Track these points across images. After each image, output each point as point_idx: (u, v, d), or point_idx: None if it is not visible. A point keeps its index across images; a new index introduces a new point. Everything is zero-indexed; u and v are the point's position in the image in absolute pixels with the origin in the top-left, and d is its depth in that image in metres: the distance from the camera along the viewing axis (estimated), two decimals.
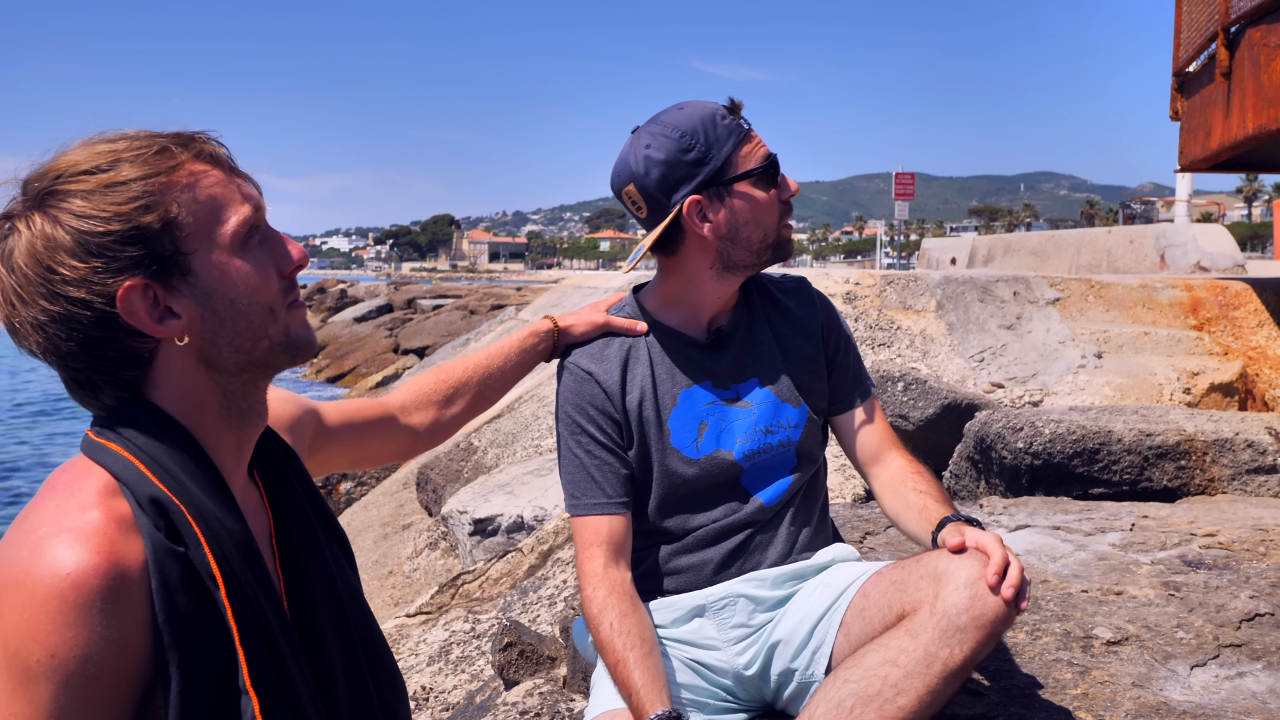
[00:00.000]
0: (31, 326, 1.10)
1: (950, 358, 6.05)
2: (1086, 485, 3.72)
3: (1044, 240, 15.18)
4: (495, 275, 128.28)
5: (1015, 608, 1.54)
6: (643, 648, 1.71)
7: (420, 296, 31.33)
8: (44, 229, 1.09)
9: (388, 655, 1.37)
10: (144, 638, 1.05)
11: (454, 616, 3.91)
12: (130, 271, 1.10)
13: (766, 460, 1.90)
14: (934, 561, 1.61)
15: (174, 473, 1.12)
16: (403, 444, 1.83)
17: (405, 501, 7.35)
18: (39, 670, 1.00)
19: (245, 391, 1.22)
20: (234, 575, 1.12)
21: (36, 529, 1.05)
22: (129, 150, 1.12)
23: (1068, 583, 2.52)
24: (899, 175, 27.45)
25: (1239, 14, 5.74)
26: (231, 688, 1.09)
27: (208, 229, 1.15)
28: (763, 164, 1.81)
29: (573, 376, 1.90)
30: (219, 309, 1.16)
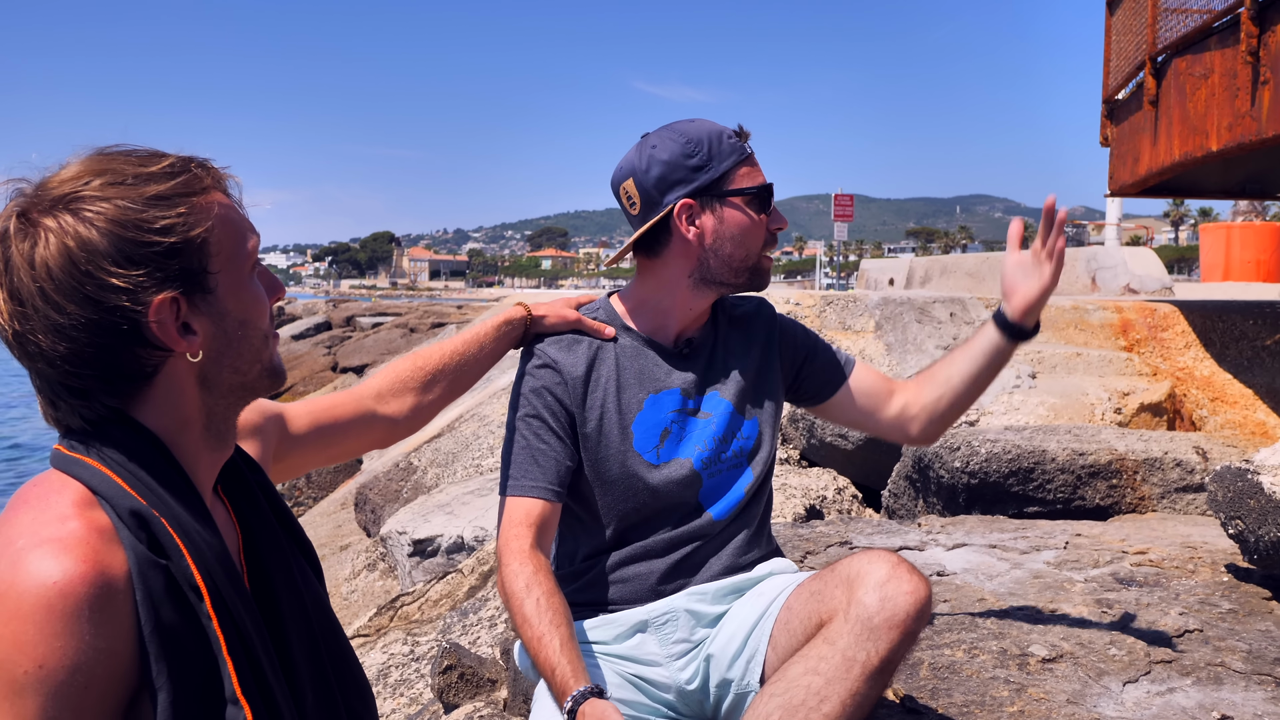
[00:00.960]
0: (47, 327, 1.08)
1: None
2: (1022, 504, 3.78)
3: (979, 262, 15.46)
4: (436, 293, 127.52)
5: (928, 606, 1.58)
6: (566, 628, 1.69)
7: (359, 314, 30.98)
8: (78, 232, 1.07)
9: (355, 666, 1.37)
10: (130, 648, 1.04)
11: (393, 639, 3.85)
12: (168, 284, 1.11)
13: (722, 471, 1.92)
14: (846, 568, 1.65)
15: (152, 487, 1.12)
16: (381, 434, 1.83)
17: (343, 522, 7.25)
18: (27, 682, 0.98)
19: (228, 413, 1.24)
20: (216, 587, 1.11)
21: (14, 541, 1.03)
22: (164, 167, 1.14)
23: (1004, 600, 2.55)
24: (838, 197, 27.77)
25: (1166, 44, 5.92)
26: (217, 699, 1.09)
27: (230, 253, 1.18)
28: (758, 187, 1.87)
29: (537, 362, 1.90)
30: (230, 330, 1.19)
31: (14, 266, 1.08)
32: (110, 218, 1.08)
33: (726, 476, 1.93)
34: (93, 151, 1.15)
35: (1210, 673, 2.10)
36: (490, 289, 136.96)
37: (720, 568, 1.90)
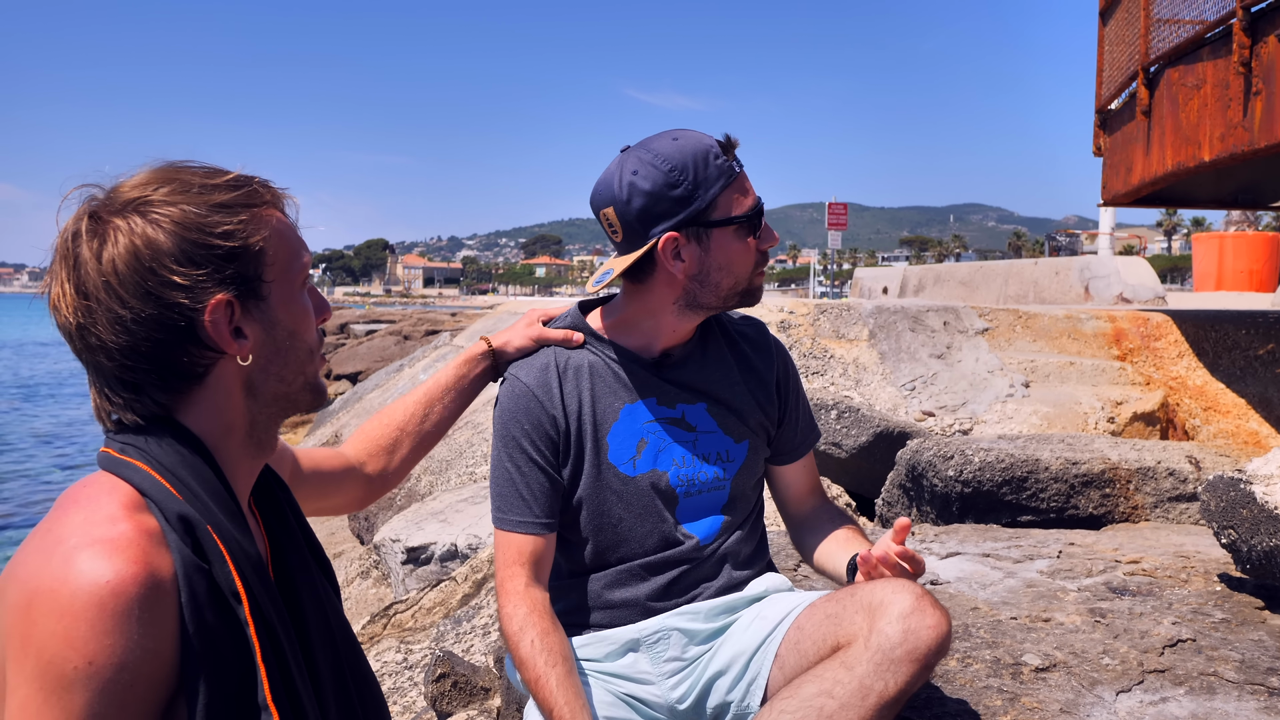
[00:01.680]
0: (109, 320, 1.13)
1: (882, 386, 6.13)
2: (1015, 513, 3.79)
3: (973, 271, 15.49)
4: (430, 300, 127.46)
5: (948, 640, 1.56)
6: (564, 665, 1.70)
7: (353, 321, 30.96)
8: (146, 232, 1.13)
9: (374, 682, 1.40)
10: (173, 649, 1.07)
11: (386, 647, 3.84)
12: (225, 286, 1.17)
13: (702, 493, 1.89)
14: (868, 594, 1.62)
15: (197, 492, 1.15)
16: (360, 494, 1.85)
17: (336, 529, 7.23)
18: (75, 678, 1.00)
19: (269, 423, 1.29)
20: (254, 594, 1.14)
21: (65, 540, 1.05)
22: (228, 180, 1.21)
23: (997, 610, 2.55)
24: (832, 205, 27.84)
25: (1158, 54, 5.94)
26: (250, 704, 1.11)
27: (284, 265, 1.24)
28: (748, 213, 1.78)
29: (511, 390, 1.87)
30: (279, 339, 1.24)
31: (82, 262, 1.14)
32: (176, 220, 1.15)
33: (707, 498, 1.90)
34: (161, 163, 1.22)
35: (1203, 682, 2.11)
36: (484, 296, 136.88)
37: (712, 589, 1.89)
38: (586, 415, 1.86)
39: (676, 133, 1.78)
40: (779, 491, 2.09)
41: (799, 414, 2.03)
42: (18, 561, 1.09)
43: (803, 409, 2.05)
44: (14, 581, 1.06)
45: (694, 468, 1.88)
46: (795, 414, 2.02)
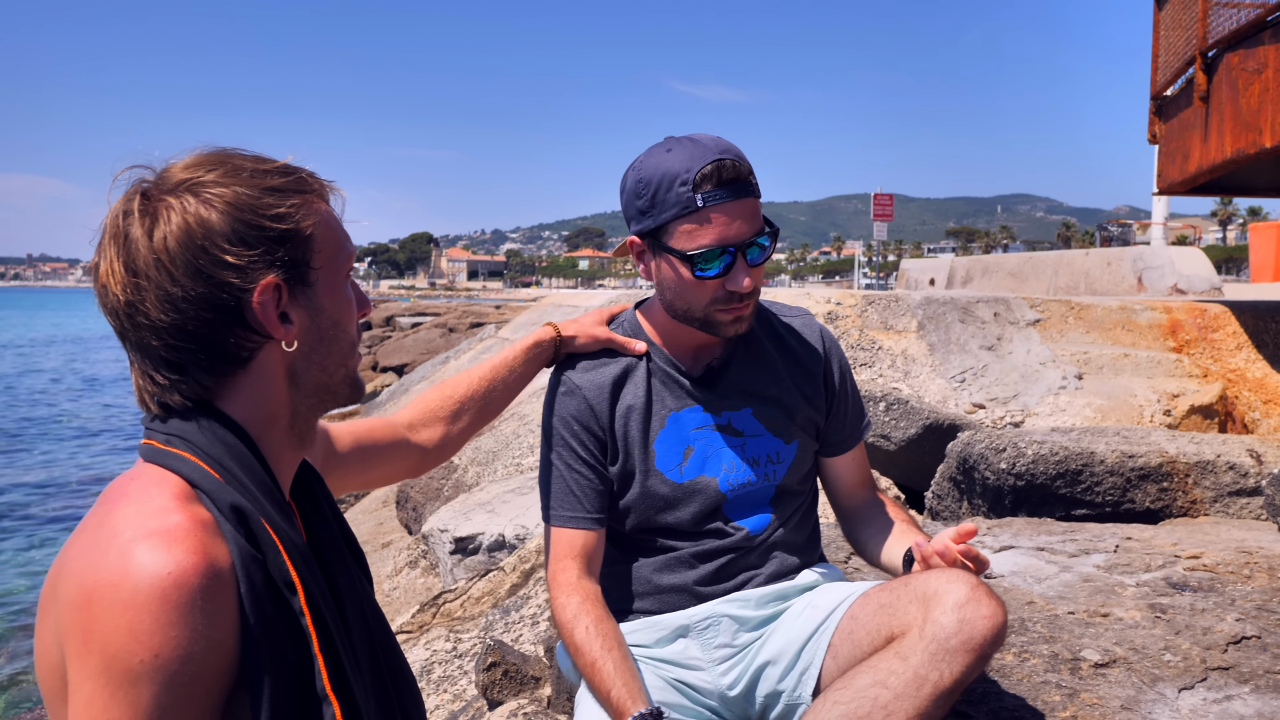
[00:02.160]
0: (158, 298, 1.13)
1: (931, 378, 6.06)
2: (1069, 506, 3.73)
3: (1022, 262, 15.29)
4: (474, 293, 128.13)
5: (1004, 631, 1.54)
6: (619, 650, 1.70)
7: (399, 314, 31.20)
8: (199, 211, 1.13)
9: (409, 673, 1.39)
10: (234, 640, 1.06)
11: (435, 636, 3.87)
12: (274, 269, 1.17)
13: (749, 492, 1.89)
14: (922, 584, 1.60)
15: (245, 483, 1.15)
16: (413, 462, 1.85)
17: (385, 519, 7.29)
18: (142, 671, 0.99)
19: (310, 414, 1.28)
20: (307, 584, 1.14)
21: (120, 533, 1.04)
22: (278, 166, 1.22)
23: (1054, 604, 2.51)
24: (878, 196, 27.61)
25: (1217, 39, 5.81)
26: (310, 694, 1.11)
27: (331, 253, 1.25)
28: (694, 250, 1.72)
29: (563, 389, 1.89)
30: (323, 327, 1.24)
31: (133, 240, 1.13)
32: (228, 201, 1.15)
33: (756, 495, 1.89)
34: (209, 148, 1.22)
35: (1270, 680, 2.06)
36: (528, 289, 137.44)
37: (762, 578, 1.88)
38: (635, 422, 1.87)
39: (685, 143, 1.74)
40: (829, 483, 2.08)
41: (848, 405, 2.01)
42: (70, 556, 1.07)
43: (852, 400, 2.02)
44: (69, 577, 1.05)
45: (743, 472, 1.88)
46: (844, 406, 2.00)
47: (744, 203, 1.71)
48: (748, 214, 1.72)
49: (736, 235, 1.71)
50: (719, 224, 1.70)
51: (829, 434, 2.00)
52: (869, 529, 1.98)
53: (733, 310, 1.79)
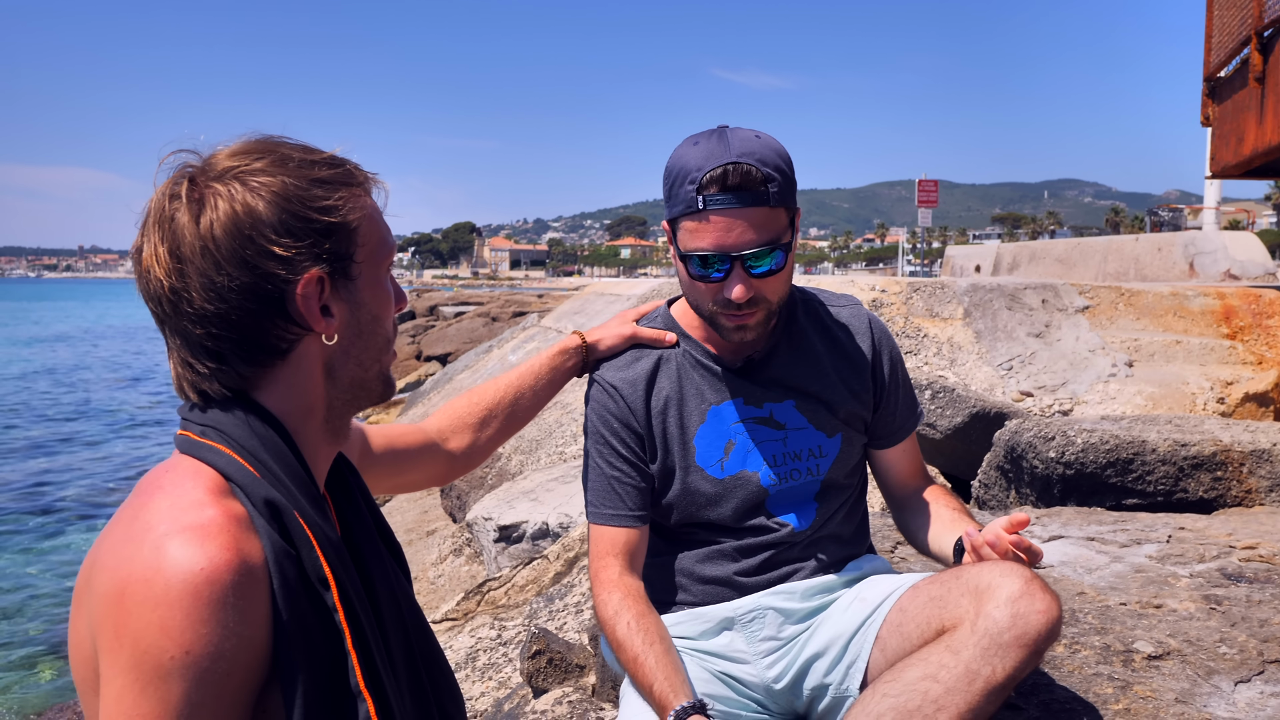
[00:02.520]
0: (203, 286, 1.12)
1: (978, 366, 6.00)
2: (1120, 496, 3.67)
3: (1070, 248, 15.07)
4: (517, 282, 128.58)
5: (1059, 626, 1.51)
6: (661, 644, 1.70)
7: (442, 303, 31.37)
8: (247, 200, 1.13)
9: (446, 668, 1.38)
10: (266, 636, 1.05)
11: (480, 623, 3.89)
12: (319, 261, 1.16)
13: (793, 486, 1.87)
14: (974, 577, 1.58)
15: (280, 476, 1.14)
16: (441, 469, 1.86)
17: (429, 508, 7.35)
18: (173, 667, 0.99)
19: (344, 409, 1.27)
20: (340, 580, 1.13)
21: (153, 527, 1.04)
22: (326, 157, 1.21)
23: (1105, 595, 2.48)
24: (922, 182, 27.34)
25: (1273, 18, 5.68)
26: (343, 690, 1.10)
27: (374, 248, 1.24)
28: (689, 252, 1.71)
29: (600, 390, 1.89)
30: (363, 322, 1.23)
31: (179, 226, 1.13)
32: (276, 191, 1.14)
33: (800, 490, 1.87)
34: (256, 136, 1.21)
35: None
36: (570, 278, 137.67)
37: (807, 571, 1.86)
38: (673, 417, 1.86)
39: (711, 140, 1.71)
40: (880, 474, 2.05)
41: (898, 397, 1.98)
42: (104, 550, 1.07)
43: (902, 392, 1.99)
44: (103, 571, 1.05)
45: (785, 466, 1.86)
46: (894, 397, 1.97)
47: (750, 211, 1.66)
48: (753, 223, 1.67)
49: (735, 243, 1.67)
50: (717, 229, 1.67)
51: (878, 426, 1.97)
52: (920, 518, 1.96)
53: (733, 318, 1.76)
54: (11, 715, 6.53)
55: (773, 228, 1.69)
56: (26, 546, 10.79)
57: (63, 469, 15.22)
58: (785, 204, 1.70)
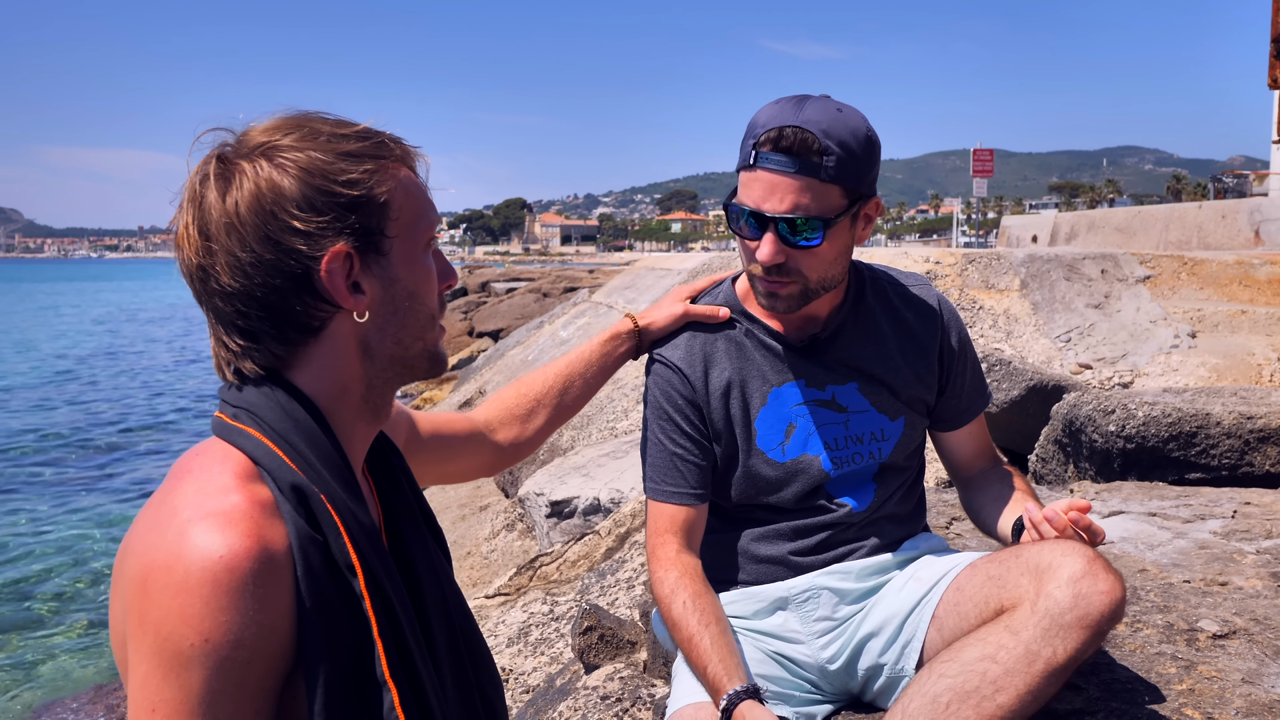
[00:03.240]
0: (228, 263, 1.11)
1: (1035, 338, 5.89)
2: (1183, 470, 3.59)
3: (1130, 216, 14.75)
4: (567, 258, 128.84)
5: (1122, 607, 1.47)
6: (717, 625, 1.68)
7: (494, 280, 31.50)
8: (271, 176, 1.12)
9: (487, 653, 1.37)
10: (289, 624, 1.05)
11: (532, 598, 3.91)
12: (343, 236, 1.14)
13: (854, 470, 1.84)
14: (1035, 555, 1.54)
15: (310, 460, 1.13)
16: (488, 459, 1.84)
17: (482, 483, 7.41)
18: (192, 655, 0.99)
19: (385, 388, 1.25)
20: (369, 567, 1.12)
21: (179, 513, 1.04)
22: (357, 131, 1.18)
23: (1168, 572, 2.42)
24: (977, 152, 26.90)
25: None
26: (369, 679, 1.09)
27: (409, 222, 1.20)
28: (730, 202, 1.71)
29: (662, 367, 1.86)
30: (398, 298, 1.20)
31: (207, 204, 1.12)
32: (301, 165, 1.12)
33: (860, 472, 1.85)
34: (291, 111, 1.20)
35: None
36: (620, 253, 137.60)
37: (865, 550, 1.84)
38: (734, 398, 1.83)
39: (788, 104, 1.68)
40: (945, 455, 2.02)
41: (964, 380, 1.94)
42: (134, 534, 1.08)
43: (969, 375, 1.94)
44: (131, 555, 1.05)
45: (846, 450, 1.83)
46: (960, 380, 1.93)
47: (796, 178, 1.63)
48: (792, 189, 1.63)
49: (768, 205, 1.65)
50: (760, 187, 1.65)
51: (944, 409, 1.94)
52: (984, 496, 1.92)
53: (765, 282, 1.73)
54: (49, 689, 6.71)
55: (820, 202, 1.65)
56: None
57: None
58: (843, 183, 1.65)
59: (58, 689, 6.77)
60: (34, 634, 7.76)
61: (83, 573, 9.24)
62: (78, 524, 10.91)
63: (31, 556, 9.73)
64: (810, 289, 1.74)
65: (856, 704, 1.83)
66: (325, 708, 1.04)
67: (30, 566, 9.41)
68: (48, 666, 7.13)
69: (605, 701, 2.36)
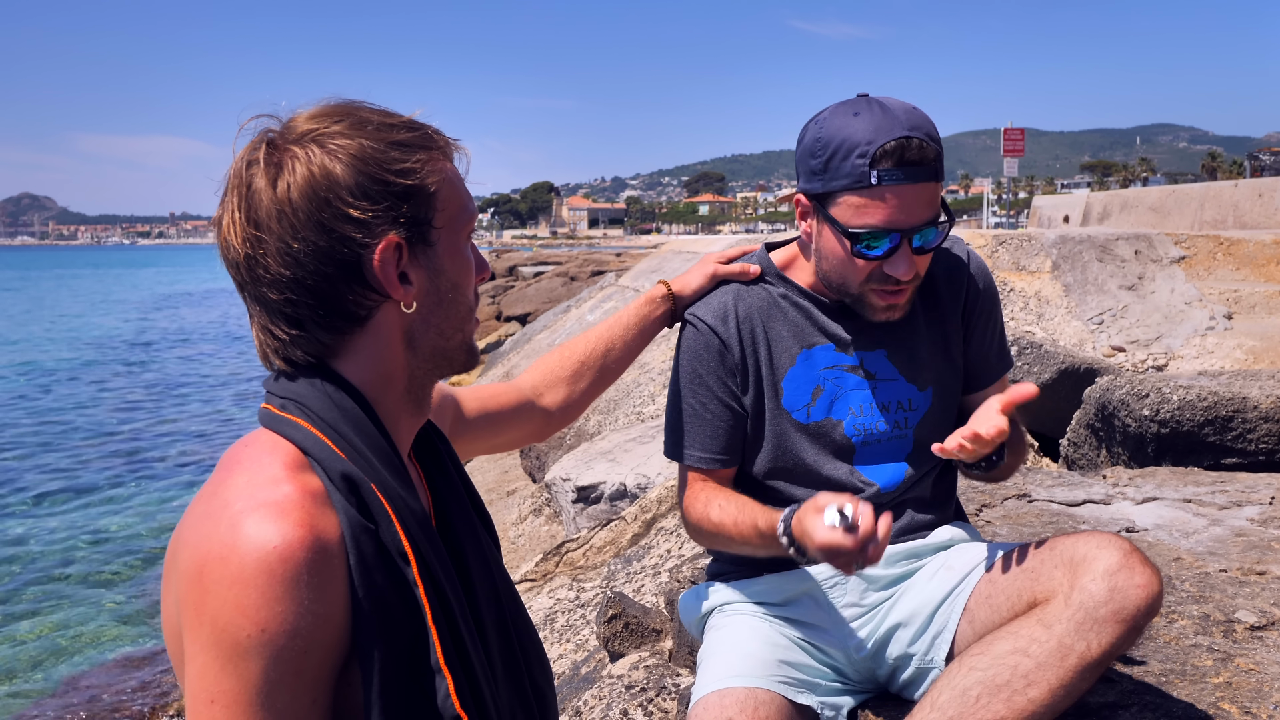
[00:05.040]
0: (279, 251, 1.10)
1: (1067, 320, 5.81)
2: (1218, 455, 3.52)
3: (1164, 195, 14.54)
4: (595, 241, 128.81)
5: (1159, 601, 1.43)
6: (749, 501, 1.72)
7: (521, 264, 31.52)
8: (324, 163, 1.11)
9: (537, 640, 1.37)
10: (344, 613, 1.05)
11: (559, 584, 3.91)
12: (396, 226, 1.14)
13: (881, 443, 1.81)
14: (1070, 548, 1.52)
15: (360, 449, 1.12)
16: (538, 426, 1.85)
17: (510, 468, 7.42)
18: (249, 645, 0.99)
19: (426, 380, 1.25)
20: (421, 554, 1.12)
21: (231, 504, 1.04)
22: (405, 121, 1.18)
23: (1203, 561, 2.37)
24: (1008, 131, 26.59)
25: None
26: (423, 666, 1.09)
27: (454, 214, 1.20)
28: (854, 229, 1.64)
29: (693, 330, 1.86)
30: (443, 289, 1.20)
31: (255, 191, 1.11)
32: (354, 153, 1.12)
33: (888, 446, 1.81)
34: (335, 100, 1.19)
35: None
36: (648, 236, 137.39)
37: (894, 534, 1.81)
38: (763, 356, 1.82)
39: (875, 110, 1.64)
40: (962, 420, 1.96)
41: (990, 334, 1.89)
42: (186, 526, 1.08)
43: (992, 335, 1.90)
44: (185, 548, 1.05)
45: (871, 417, 1.80)
46: (982, 338, 1.88)
47: (923, 187, 1.61)
48: (924, 200, 1.62)
49: (906, 221, 1.62)
50: (890, 206, 1.61)
51: (972, 365, 1.89)
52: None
53: (888, 296, 1.72)
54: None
55: (937, 203, 1.66)
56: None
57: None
58: (941, 178, 1.67)
59: (91, 661, 6.91)
60: (72, 610, 7.90)
61: (118, 553, 9.38)
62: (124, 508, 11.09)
63: (69, 537, 9.90)
64: (918, 284, 1.75)
65: (884, 696, 1.81)
66: (381, 695, 1.04)
67: (67, 548, 9.57)
68: (82, 640, 7.27)
69: (630, 691, 2.35)
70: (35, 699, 6.37)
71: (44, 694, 6.45)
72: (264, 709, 1.00)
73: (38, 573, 8.87)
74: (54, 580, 8.69)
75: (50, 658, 6.98)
